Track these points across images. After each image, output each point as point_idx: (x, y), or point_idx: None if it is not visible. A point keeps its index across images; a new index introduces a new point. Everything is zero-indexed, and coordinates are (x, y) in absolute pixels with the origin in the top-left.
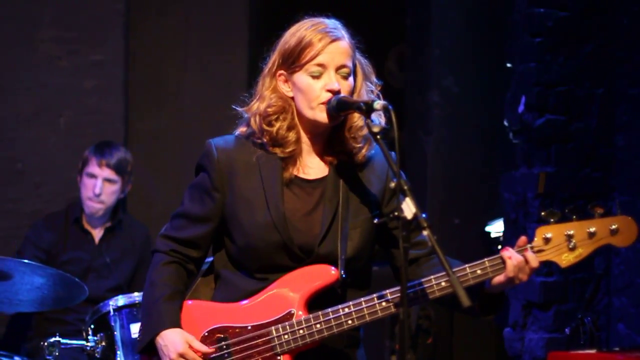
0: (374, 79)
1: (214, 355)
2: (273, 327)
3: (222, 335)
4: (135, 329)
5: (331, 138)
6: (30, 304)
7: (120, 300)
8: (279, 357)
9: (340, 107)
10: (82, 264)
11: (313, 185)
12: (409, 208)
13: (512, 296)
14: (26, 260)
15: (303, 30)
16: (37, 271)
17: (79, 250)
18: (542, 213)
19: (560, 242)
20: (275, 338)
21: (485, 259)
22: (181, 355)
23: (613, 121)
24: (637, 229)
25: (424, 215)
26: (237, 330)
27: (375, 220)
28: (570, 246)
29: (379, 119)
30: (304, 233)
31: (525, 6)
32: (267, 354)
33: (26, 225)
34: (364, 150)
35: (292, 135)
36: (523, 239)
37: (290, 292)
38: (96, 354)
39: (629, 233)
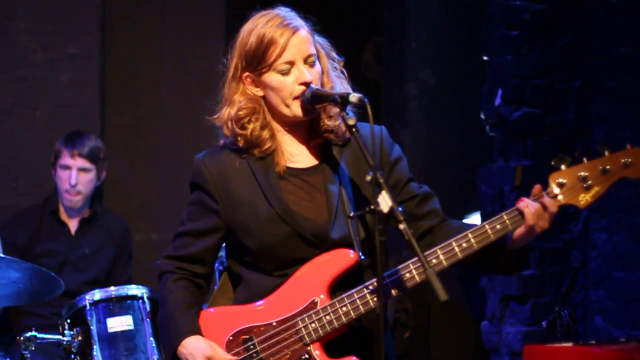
0: (334, 55)
1: (242, 356)
2: (299, 319)
3: (248, 336)
4: (111, 323)
5: (312, 122)
6: (6, 298)
7: (97, 294)
8: (308, 348)
9: (315, 100)
10: (58, 256)
11: (309, 173)
12: (385, 201)
13: (490, 289)
14: (1, 255)
15: (260, 28)
16: (13, 265)
17: (54, 242)
18: (552, 161)
19: (575, 184)
20: (302, 328)
21: (503, 213)
22: (210, 359)
23: (590, 114)
24: None
25: (400, 209)
26: (261, 328)
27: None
28: (586, 186)
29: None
30: (313, 221)
31: None
32: (296, 346)
33: (1, 220)
34: (343, 125)
35: (266, 133)
36: (537, 187)
37: (310, 281)
38: (72, 349)
39: None
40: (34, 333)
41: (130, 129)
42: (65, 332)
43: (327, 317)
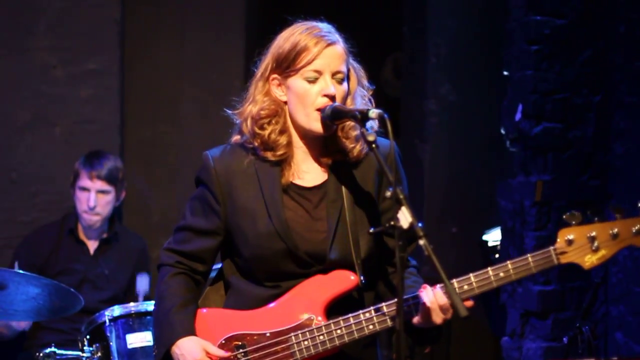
0: (366, 83)
1: None
2: (293, 334)
3: (240, 343)
4: (131, 339)
5: (326, 140)
6: (26, 314)
7: (116, 310)
8: None
9: (334, 116)
10: (77, 275)
11: (313, 192)
12: (405, 217)
13: (510, 305)
14: (21, 271)
15: (297, 34)
16: (32, 281)
17: (73, 261)
18: (564, 216)
19: (583, 244)
20: (295, 344)
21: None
22: None
23: (610, 129)
24: None
25: (420, 224)
26: (255, 337)
27: (371, 230)
28: (594, 248)
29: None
30: (309, 239)
31: (522, 14)
32: None
33: (21, 236)
34: (358, 147)
35: (283, 139)
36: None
37: (309, 298)
38: None
39: None
40: (53, 349)
41: (150, 145)
42: (85, 348)
43: (321, 337)
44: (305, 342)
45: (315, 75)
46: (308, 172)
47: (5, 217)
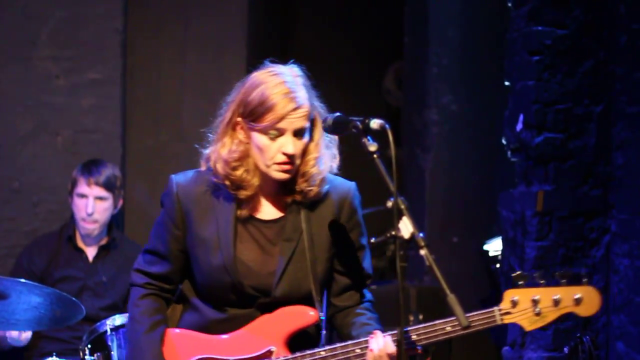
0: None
1: None
2: None
3: None
4: None
5: (284, 181)
6: (27, 323)
7: (118, 319)
8: None
9: (336, 127)
10: (76, 282)
11: (268, 226)
12: (406, 227)
13: None
14: (23, 280)
15: (266, 89)
16: (34, 290)
17: (72, 269)
18: (512, 275)
19: (527, 307)
20: None
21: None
22: None
23: (611, 139)
24: (600, 300)
25: (421, 234)
26: None
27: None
28: (536, 311)
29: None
30: (257, 273)
31: (523, 24)
32: None
33: (23, 245)
34: (315, 189)
35: (255, 180)
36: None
37: (271, 330)
38: None
39: (592, 303)
40: (54, 358)
41: (152, 154)
42: (86, 357)
43: None
44: None
45: (277, 133)
46: (266, 205)
47: (7, 227)
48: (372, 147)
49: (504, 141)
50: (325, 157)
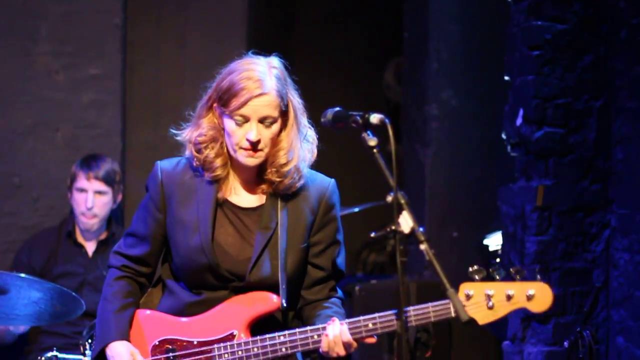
0: (305, 121)
1: None
2: (216, 345)
3: (171, 347)
4: None
5: (260, 167)
6: (27, 318)
7: None
8: None
9: (336, 121)
10: (76, 277)
11: (247, 214)
12: (406, 222)
13: None
14: (23, 275)
15: (236, 75)
16: (34, 285)
17: (72, 264)
18: (470, 269)
19: (480, 301)
20: (217, 356)
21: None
22: None
23: (611, 134)
24: (552, 297)
25: (421, 229)
26: (184, 343)
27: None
28: (489, 305)
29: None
30: (233, 258)
31: (523, 19)
32: None
33: (23, 240)
34: (287, 181)
35: (219, 161)
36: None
37: (235, 314)
38: None
39: (544, 300)
40: (55, 353)
41: (152, 149)
42: (87, 352)
43: (240, 352)
44: (226, 355)
45: (242, 119)
46: (244, 194)
47: (7, 222)
48: (372, 141)
49: (503, 136)
50: (296, 150)
